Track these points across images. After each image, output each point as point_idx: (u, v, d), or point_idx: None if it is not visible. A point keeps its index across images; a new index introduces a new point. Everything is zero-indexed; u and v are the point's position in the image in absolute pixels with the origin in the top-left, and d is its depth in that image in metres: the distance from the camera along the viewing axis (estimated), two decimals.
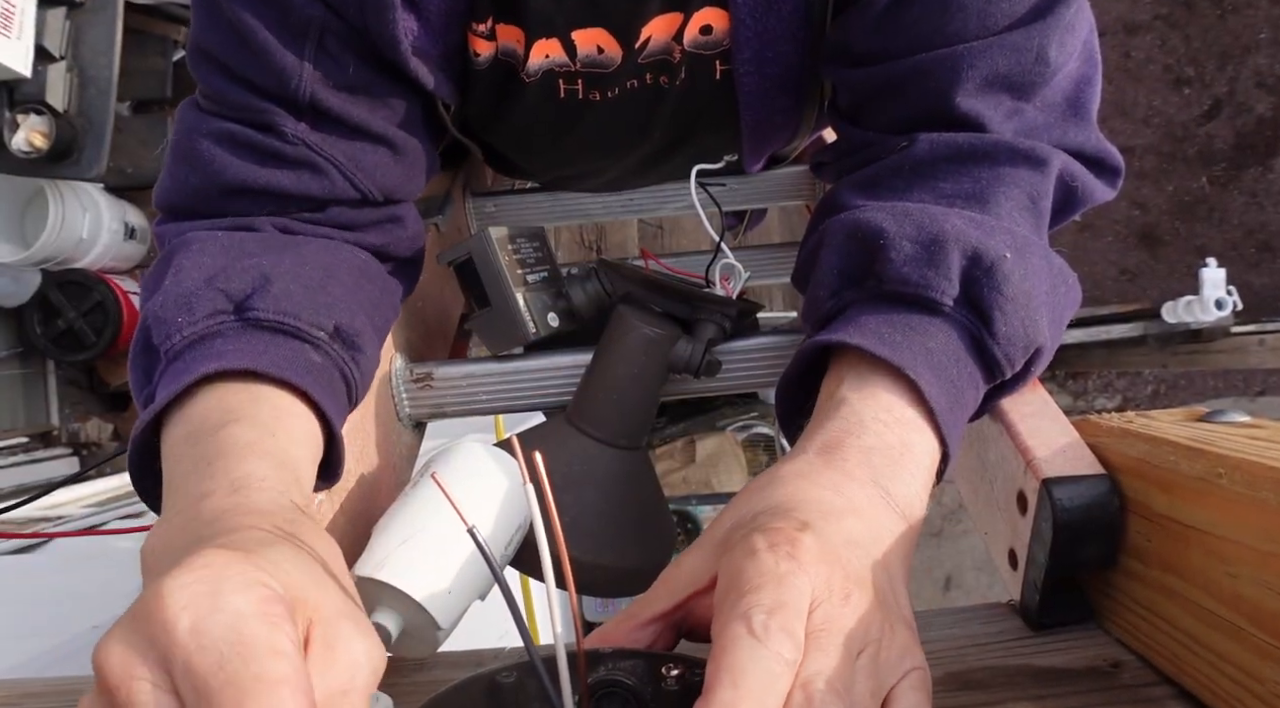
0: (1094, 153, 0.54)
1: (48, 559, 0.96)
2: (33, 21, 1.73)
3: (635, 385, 0.54)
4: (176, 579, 0.29)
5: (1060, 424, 0.47)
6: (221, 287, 0.49)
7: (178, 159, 0.55)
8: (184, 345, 0.47)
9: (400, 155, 0.58)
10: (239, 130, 0.53)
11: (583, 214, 0.88)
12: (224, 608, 0.28)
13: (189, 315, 0.48)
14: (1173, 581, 0.40)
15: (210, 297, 0.48)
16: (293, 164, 0.54)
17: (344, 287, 0.53)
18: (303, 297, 0.50)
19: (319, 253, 0.54)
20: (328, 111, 0.54)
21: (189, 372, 0.45)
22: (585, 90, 0.62)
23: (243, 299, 0.49)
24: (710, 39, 0.59)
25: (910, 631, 0.35)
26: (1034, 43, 0.50)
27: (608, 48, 0.59)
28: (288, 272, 0.50)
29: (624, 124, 0.66)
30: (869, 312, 0.46)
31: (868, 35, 0.53)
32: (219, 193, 0.54)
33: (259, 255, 0.51)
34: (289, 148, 0.54)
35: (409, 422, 0.61)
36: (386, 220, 0.59)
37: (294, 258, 0.52)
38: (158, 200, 0.57)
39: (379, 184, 0.57)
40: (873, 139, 0.55)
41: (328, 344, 0.50)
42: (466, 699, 0.33)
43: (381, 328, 0.56)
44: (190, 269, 0.50)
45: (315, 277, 0.51)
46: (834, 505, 0.37)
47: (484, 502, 0.45)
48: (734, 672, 0.29)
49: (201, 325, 0.48)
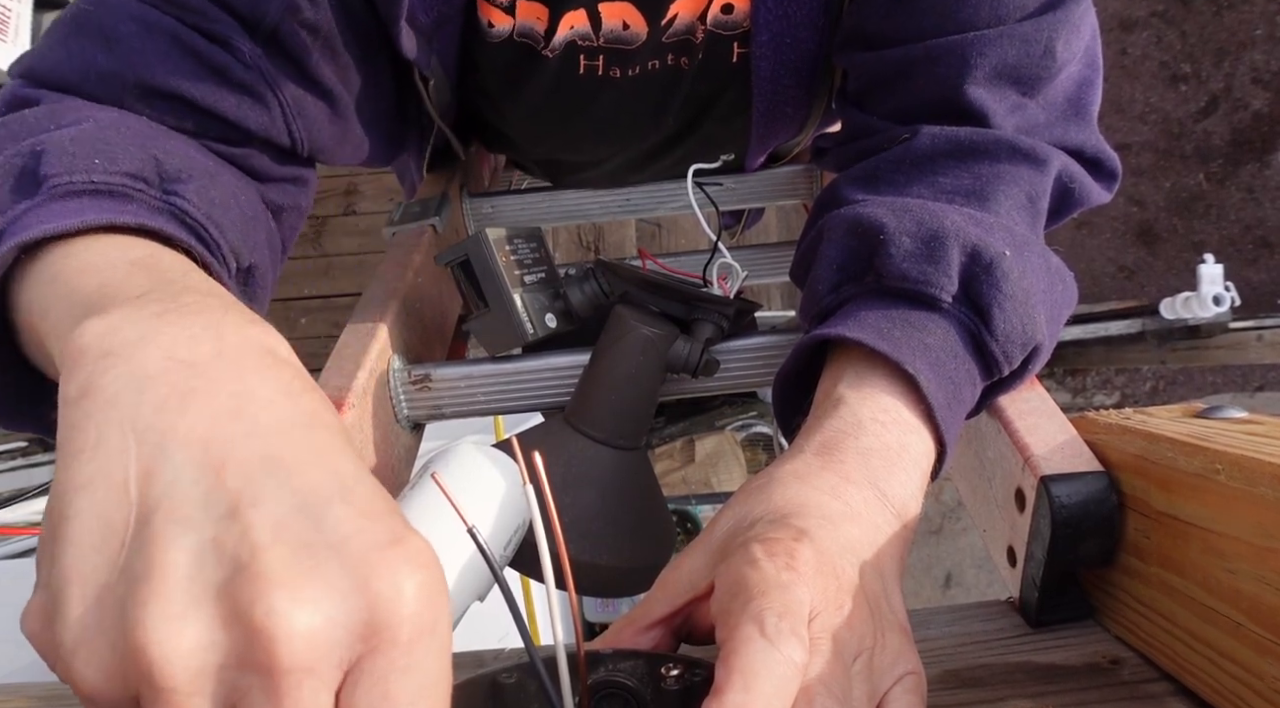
0: (1093, 154, 0.54)
1: None
2: (28, 25, 1.73)
3: (633, 385, 0.54)
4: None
5: (1058, 421, 0.47)
6: (156, 155, 0.42)
7: (84, 33, 0.47)
8: (86, 190, 0.38)
9: (338, 118, 0.55)
10: (184, 31, 0.47)
11: (580, 214, 0.88)
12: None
13: (107, 162, 0.39)
14: (1171, 577, 0.40)
15: (140, 157, 0.41)
16: (238, 87, 0.48)
17: (264, 234, 0.49)
18: (235, 217, 0.44)
19: (248, 188, 0.49)
20: (286, 46, 0.50)
21: (94, 211, 0.36)
22: (606, 67, 0.62)
23: (173, 180, 0.41)
24: (731, 19, 0.59)
25: (904, 635, 0.35)
26: (1043, 35, 0.50)
27: (634, 23, 0.59)
28: (226, 185, 0.45)
29: (639, 107, 0.66)
30: (868, 307, 0.46)
31: (880, 18, 0.54)
32: (135, 87, 0.47)
33: (199, 153, 0.46)
34: (240, 69, 0.48)
35: (407, 423, 0.61)
36: (294, 180, 0.55)
37: (232, 176, 0.47)
38: (32, 67, 0.48)
39: (311, 137, 0.53)
40: (877, 126, 0.55)
41: (230, 280, 0.44)
42: (467, 700, 0.33)
43: (267, 296, 0.51)
44: (116, 124, 0.43)
45: (247, 206, 0.47)
46: (832, 510, 0.37)
47: (483, 502, 0.45)
48: (746, 674, 0.29)
49: (119, 180, 0.39)
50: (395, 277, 0.65)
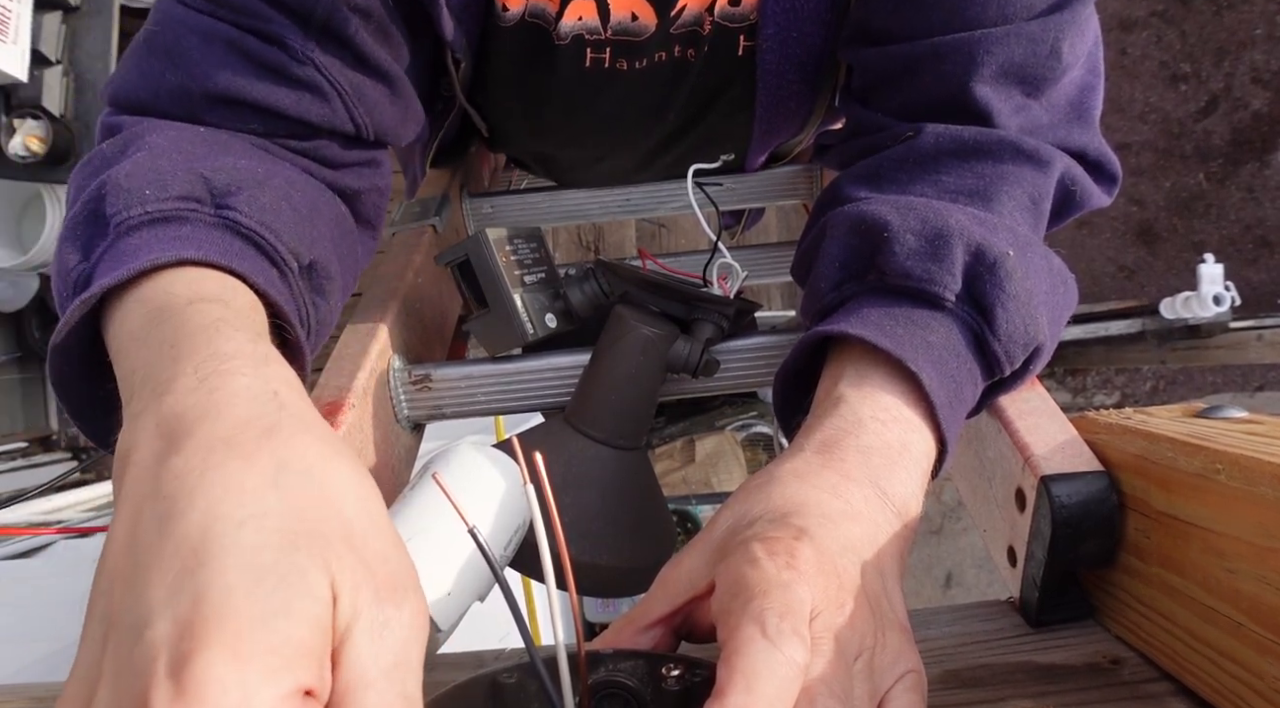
0: (1095, 157, 0.54)
1: (48, 564, 0.96)
2: (28, 26, 1.73)
3: (633, 385, 0.54)
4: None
5: (1058, 421, 0.47)
6: (204, 173, 0.43)
7: (154, 53, 0.49)
8: (144, 221, 0.40)
9: (397, 97, 0.55)
10: (238, 36, 0.48)
11: (580, 214, 0.88)
12: None
13: (159, 190, 0.41)
14: (1171, 577, 0.40)
15: (188, 179, 0.42)
16: (295, 84, 0.50)
17: (328, 226, 0.49)
18: (290, 218, 0.45)
19: (307, 185, 0.50)
20: (340, 35, 0.50)
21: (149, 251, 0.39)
22: (613, 59, 0.62)
23: (224, 194, 0.43)
24: (738, 11, 0.59)
25: (904, 634, 0.35)
26: (1050, 35, 0.50)
27: (642, 14, 0.59)
28: (277, 188, 0.46)
29: (644, 100, 0.66)
30: (870, 304, 0.46)
31: (887, 14, 0.54)
32: (202, 98, 0.49)
33: (248, 159, 0.47)
34: (295, 66, 0.49)
35: (407, 423, 0.61)
36: (367, 163, 0.56)
37: (284, 178, 0.47)
38: (115, 93, 0.50)
39: (375, 121, 0.54)
40: (881, 122, 0.55)
41: (295, 278, 0.45)
42: (467, 700, 0.33)
43: (348, 286, 0.52)
44: (168, 148, 0.44)
45: (302, 204, 0.47)
46: (832, 509, 0.37)
47: (483, 503, 0.45)
48: (748, 675, 0.29)
49: (171, 205, 0.41)
50: (395, 277, 0.65)
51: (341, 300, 0.51)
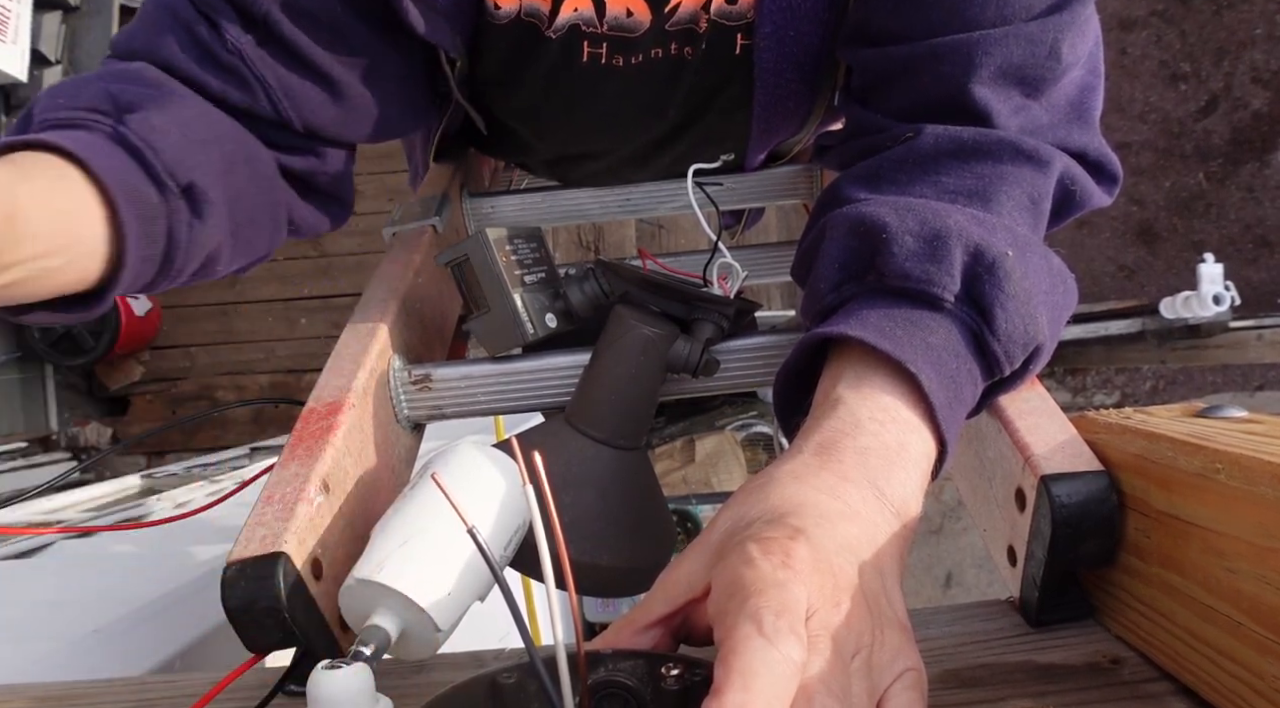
0: (1095, 157, 0.54)
1: (47, 564, 0.96)
2: (28, 26, 1.73)
3: (634, 385, 0.54)
4: None
5: (1058, 421, 0.47)
6: (113, 92, 0.51)
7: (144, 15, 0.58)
8: (53, 124, 0.49)
9: (341, 99, 0.59)
10: (193, 17, 0.55)
11: (580, 214, 0.88)
12: None
13: (72, 101, 0.50)
14: (1171, 576, 0.40)
15: (99, 96, 0.50)
16: (220, 69, 0.56)
17: (220, 159, 0.54)
18: (176, 140, 0.51)
19: (215, 122, 0.55)
20: (277, 32, 0.55)
21: (25, 134, 0.48)
22: (608, 55, 0.63)
23: (124, 110, 0.50)
24: (735, 9, 0.59)
25: (903, 632, 0.35)
26: (1049, 36, 0.50)
27: (637, 10, 0.60)
28: (173, 115, 0.52)
29: (641, 96, 0.66)
30: (870, 306, 0.46)
31: (886, 14, 0.54)
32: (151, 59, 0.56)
33: (166, 88, 0.53)
34: (223, 54, 0.55)
35: (407, 423, 0.61)
36: (308, 152, 0.60)
37: (194, 111, 0.54)
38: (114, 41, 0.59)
39: (306, 118, 0.58)
40: (880, 123, 0.55)
41: (172, 194, 0.51)
42: (467, 700, 0.33)
43: (248, 222, 0.57)
44: (103, 74, 0.53)
45: (197, 134, 0.53)
46: (829, 510, 0.37)
47: (483, 503, 0.45)
48: (745, 674, 0.29)
49: (78, 114, 0.50)
50: (395, 276, 0.65)
51: (226, 230, 0.56)
